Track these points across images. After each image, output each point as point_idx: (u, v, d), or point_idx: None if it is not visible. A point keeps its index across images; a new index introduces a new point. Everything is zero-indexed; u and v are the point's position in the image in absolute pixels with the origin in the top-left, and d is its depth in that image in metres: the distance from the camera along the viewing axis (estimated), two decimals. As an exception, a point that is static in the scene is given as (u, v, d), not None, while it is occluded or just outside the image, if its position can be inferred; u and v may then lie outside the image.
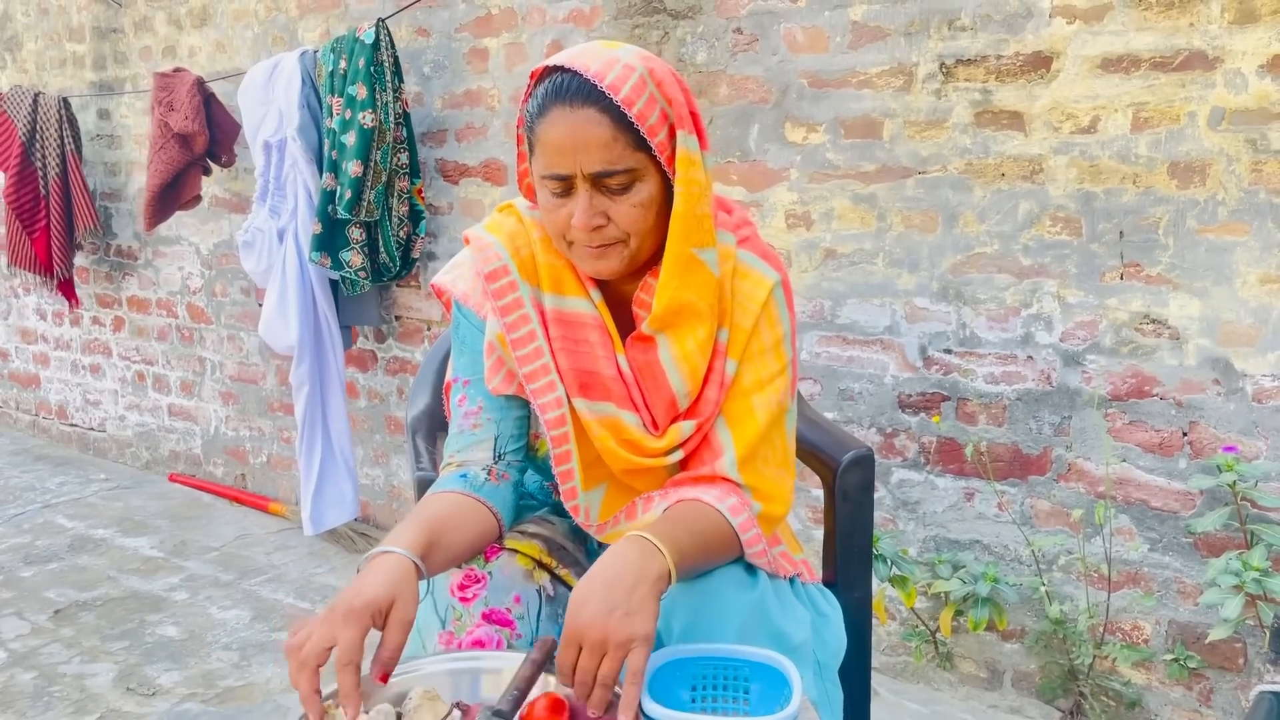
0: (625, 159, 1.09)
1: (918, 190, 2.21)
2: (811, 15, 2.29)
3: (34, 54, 4.24)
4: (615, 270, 1.16)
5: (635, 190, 1.12)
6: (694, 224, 1.15)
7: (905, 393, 2.29)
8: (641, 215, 1.13)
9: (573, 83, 1.09)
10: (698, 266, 1.17)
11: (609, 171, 1.09)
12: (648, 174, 1.12)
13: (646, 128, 1.09)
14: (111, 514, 3.63)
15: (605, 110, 1.08)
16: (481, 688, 1.04)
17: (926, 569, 2.22)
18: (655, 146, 1.11)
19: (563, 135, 1.09)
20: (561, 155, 1.09)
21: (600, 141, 1.08)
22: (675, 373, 1.20)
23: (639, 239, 1.15)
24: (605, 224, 1.12)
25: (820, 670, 1.25)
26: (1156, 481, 2.03)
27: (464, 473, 1.21)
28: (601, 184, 1.10)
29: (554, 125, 1.09)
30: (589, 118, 1.08)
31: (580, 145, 1.08)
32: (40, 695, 2.35)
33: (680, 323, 1.19)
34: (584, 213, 1.10)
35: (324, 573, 3.07)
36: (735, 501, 1.17)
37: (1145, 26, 1.93)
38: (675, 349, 1.19)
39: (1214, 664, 2.01)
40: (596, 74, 1.08)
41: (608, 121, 1.08)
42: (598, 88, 1.08)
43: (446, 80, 2.97)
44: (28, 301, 4.57)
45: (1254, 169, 1.87)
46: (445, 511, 1.14)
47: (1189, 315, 1.96)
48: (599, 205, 1.11)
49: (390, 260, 2.94)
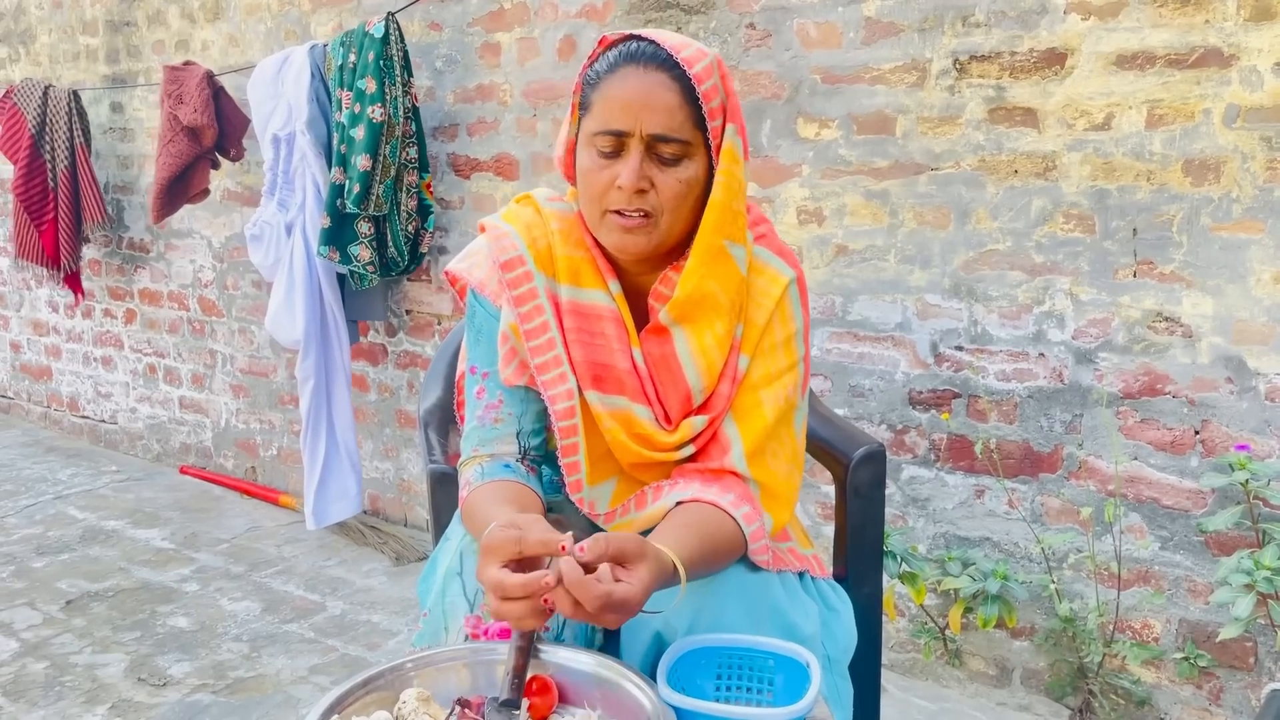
0: (685, 130, 1.12)
1: (930, 187, 2.21)
2: (825, 11, 2.29)
3: (47, 47, 4.25)
4: (640, 249, 1.16)
5: (684, 166, 1.14)
6: (729, 217, 1.16)
7: (916, 389, 2.29)
8: (683, 193, 1.14)
9: (649, 48, 1.13)
10: (726, 260, 1.18)
11: (667, 137, 1.12)
12: (698, 155, 1.15)
13: (709, 109, 1.12)
14: (123, 506, 3.64)
15: (677, 79, 1.12)
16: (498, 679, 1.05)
17: (936, 566, 2.22)
18: (711, 130, 1.13)
19: (631, 92, 1.11)
20: (626, 112, 1.11)
21: (667, 106, 1.11)
22: (691, 367, 1.20)
23: (672, 219, 1.15)
24: (648, 189, 1.13)
25: (830, 665, 1.26)
26: (1168, 480, 2.02)
27: (506, 463, 1.23)
28: (655, 150, 1.12)
29: (623, 81, 1.12)
30: (660, 81, 1.11)
31: (647, 104, 1.11)
32: (52, 685, 2.37)
33: (700, 315, 1.19)
34: (633, 171, 1.12)
35: (334, 565, 3.08)
36: (749, 510, 1.17)
37: (1160, 23, 1.92)
38: (693, 342, 1.20)
39: (1224, 663, 2.00)
40: (673, 46, 1.13)
41: (678, 89, 1.12)
42: (673, 57, 1.12)
43: (458, 75, 2.97)
44: (39, 294, 4.59)
45: (1269, 167, 1.86)
46: (518, 495, 1.16)
47: (1202, 313, 1.95)
48: (646, 171, 1.13)
49: (398, 255, 2.94)
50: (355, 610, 2.77)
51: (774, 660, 1.08)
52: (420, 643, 1.17)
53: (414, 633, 1.21)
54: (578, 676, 1.03)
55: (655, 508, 1.21)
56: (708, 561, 1.11)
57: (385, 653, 2.53)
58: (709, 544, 1.11)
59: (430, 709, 0.98)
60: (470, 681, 1.05)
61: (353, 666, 2.45)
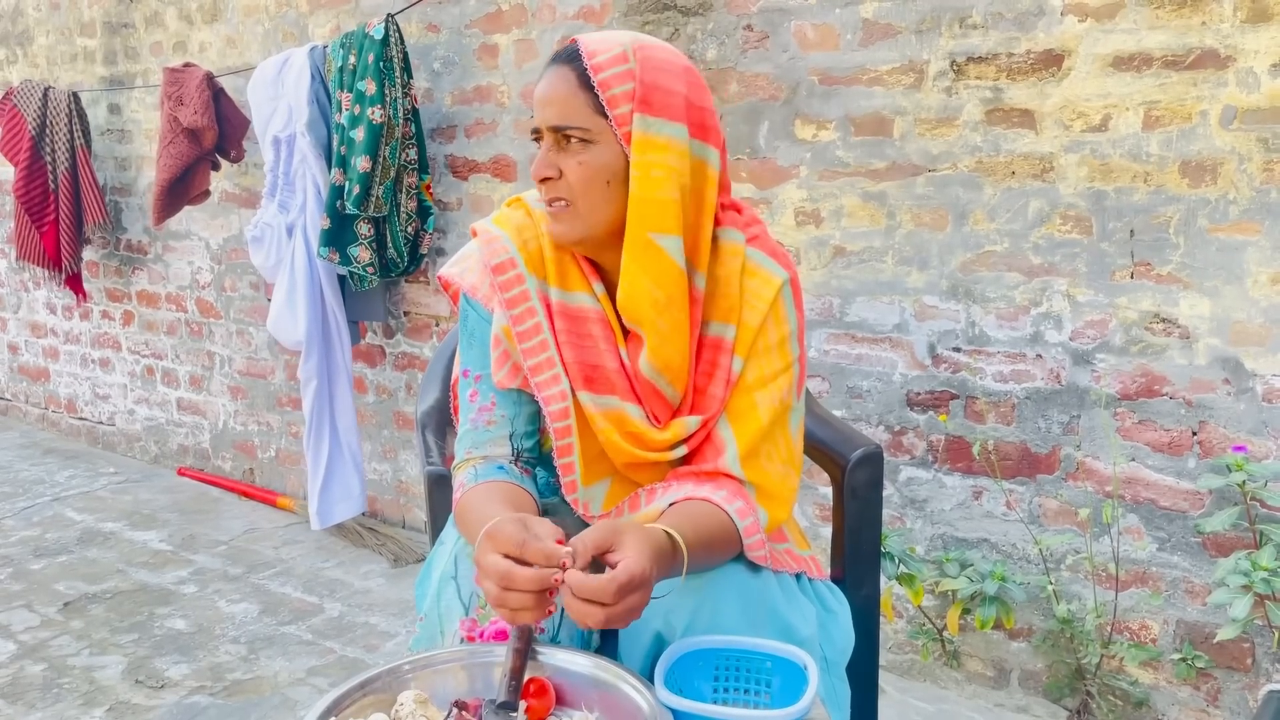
0: (579, 117, 1.15)
1: (928, 188, 2.21)
2: (822, 12, 2.29)
3: (45, 49, 4.25)
4: (568, 236, 1.18)
5: (588, 150, 1.15)
6: (652, 208, 1.15)
7: (914, 391, 2.29)
8: (589, 176, 1.15)
9: (570, 48, 1.17)
10: (654, 252, 1.16)
11: (563, 126, 1.15)
12: (604, 142, 1.15)
13: (607, 96, 1.14)
14: (120, 507, 3.64)
15: (575, 70, 1.15)
16: (495, 681, 1.05)
17: (934, 567, 2.22)
18: (614, 118, 1.14)
19: (542, 89, 1.17)
20: (539, 108, 1.17)
21: (561, 95, 1.15)
22: (658, 377, 1.20)
23: (587, 203, 1.16)
24: (557, 177, 1.17)
25: (828, 666, 1.26)
26: (1165, 481, 2.02)
27: (500, 465, 1.23)
28: (560, 138, 1.16)
29: (542, 81, 1.18)
30: (560, 74, 1.16)
31: (549, 98, 1.16)
32: (50, 687, 2.36)
33: (643, 314, 1.18)
34: (539, 161, 1.17)
35: (331, 567, 3.08)
36: (742, 504, 1.17)
37: (1157, 25, 1.92)
38: (647, 350, 1.19)
39: (1222, 664, 2.00)
40: (585, 42, 1.17)
41: (574, 79, 1.15)
42: (579, 51, 1.16)
43: (456, 76, 2.97)
44: (37, 295, 4.59)
45: (1266, 168, 1.86)
46: (512, 496, 1.17)
47: (1199, 314, 1.95)
48: (553, 159, 1.17)
49: (398, 255, 2.94)
50: (353, 612, 2.77)
51: (771, 662, 1.08)
52: (417, 647, 1.17)
53: (411, 636, 1.21)
54: (575, 678, 1.03)
55: (649, 510, 1.21)
56: (705, 546, 1.11)
57: (383, 654, 2.53)
58: (703, 530, 1.12)
59: (427, 711, 0.99)
60: (467, 683, 1.05)
61: (351, 668, 2.45)
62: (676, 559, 1.05)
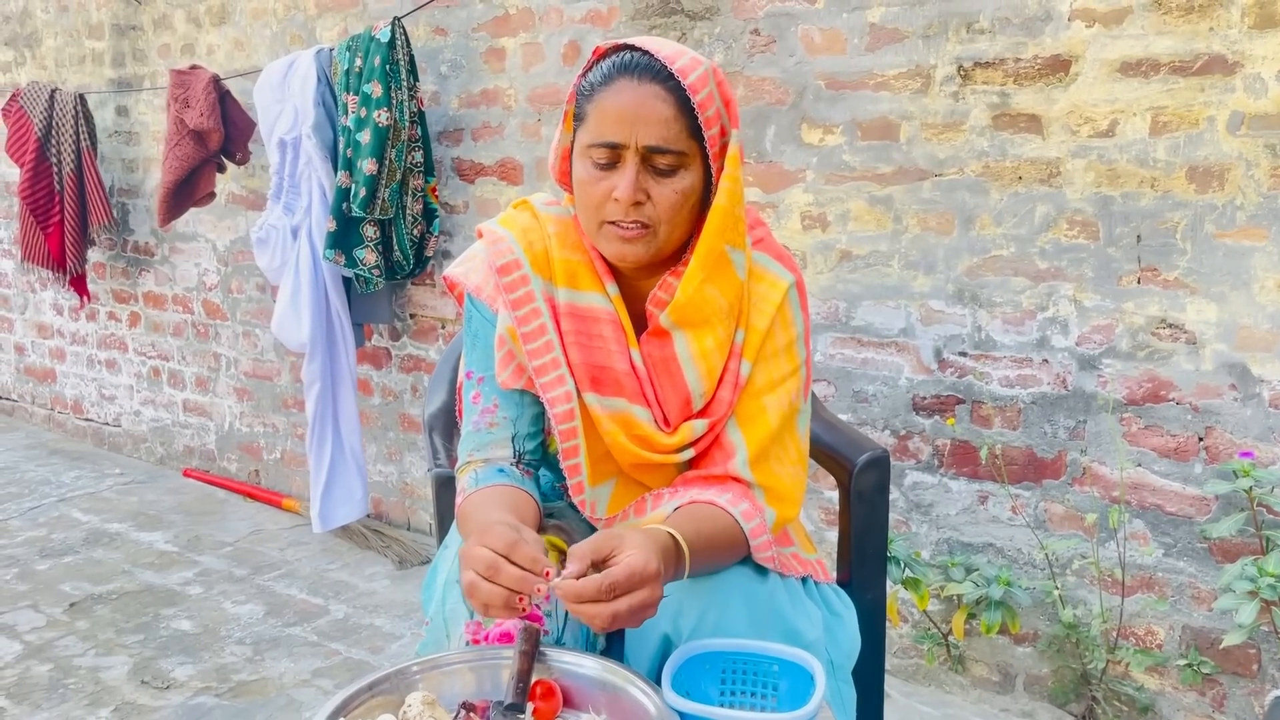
0: (680, 141, 1.12)
1: (934, 192, 2.21)
2: (829, 17, 2.29)
3: (53, 50, 4.27)
4: (639, 258, 1.17)
5: (680, 176, 1.14)
6: (731, 222, 1.17)
7: (920, 395, 2.29)
8: (679, 203, 1.14)
9: (643, 60, 1.13)
10: (726, 265, 1.18)
11: (662, 149, 1.12)
12: (694, 164, 1.15)
13: (704, 118, 1.12)
14: (126, 508, 3.65)
15: (671, 90, 1.12)
16: (503, 683, 1.05)
17: (939, 571, 2.22)
18: (708, 139, 1.14)
19: (625, 105, 1.12)
20: (620, 124, 1.12)
21: (661, 118, 1.11)
22: (692, 370, 1.20)
23: (669, 229, 1.16)
24: (645, 201, 1.13)
25: (834, 670, 1.26)
26: (1171, 486, 2.02)
27: (500, 468, 1.23)
28: (650, 161, 1.13)
29: (617, 94, 1.12)
30: (654, 93, 1.12)
31: (641, 117, 1.11)
32: (55, 687, 2.37)
33: (700, 320, 1.19)
34: (630, 184, 1.12)
35: (337, 569, 3.08)
36: (748, 506, 1.17)
37: (1165, 30, 1.92)
38: (693, 346, 1.20)
39: (1228, 670, 2.00)
40: (667, 57, 1.12)
41: (672, 101, 1.12)
42: (667, 68, 1.12)
43: (463, 79, 2.98)
44: (44, 296, 4.60)
45: (1273, 174, 1.86)
46: (513, 500, 1.17)
47: (1206, 320, 1.95)
48: (642, 183, 1.13)
49: (404, 258, 2.95)
50: (358, 614, 2.77)
51: (778, 665, 1.08)
52: (424, 651, 1.18)
53: (417, 640, 1.21)
54: (582, 681, 1.03)
55: (654, 514, 1.21)
56: (708, 547, 1.11)
57: (388, 656, 2.53)
58: (706, 532, 1.12)
59: (435, 713, 0.99)
60: (475, 685, 1.05)
61: (356, 670, 2.45)
62: (680, 560, 1.05)
